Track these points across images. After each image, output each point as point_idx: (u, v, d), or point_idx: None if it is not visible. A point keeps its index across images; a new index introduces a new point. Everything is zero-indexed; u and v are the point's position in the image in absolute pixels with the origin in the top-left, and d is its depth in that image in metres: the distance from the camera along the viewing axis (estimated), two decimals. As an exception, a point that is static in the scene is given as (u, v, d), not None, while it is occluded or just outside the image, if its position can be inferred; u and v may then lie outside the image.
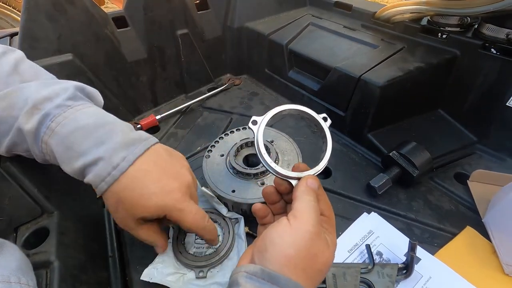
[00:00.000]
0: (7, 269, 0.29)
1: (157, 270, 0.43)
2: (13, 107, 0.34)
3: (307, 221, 0.29)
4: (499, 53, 0.56)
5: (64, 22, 0.59)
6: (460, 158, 0.61)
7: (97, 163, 0.33)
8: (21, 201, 0.41)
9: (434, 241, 0.47)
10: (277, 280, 0.26)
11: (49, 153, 0.35)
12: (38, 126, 0.33)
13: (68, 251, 0.41)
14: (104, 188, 0.33)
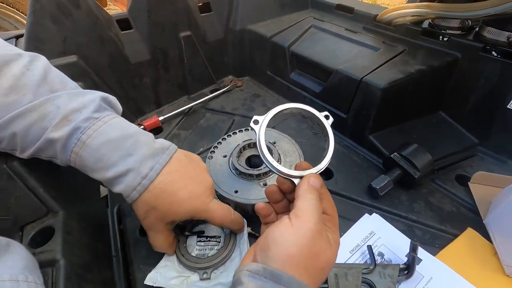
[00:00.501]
0: (15, 268, 0.30)
1: (160, 274, 0.43)
2: (44, 118, 0.36)
3: (309, 220, 0.29)
4: (500, 56, 0.57)
5: (69, 24, 0.59)
6: (461, 160, 0.61)
7: (127, 174, 0.36)
8: (26, 201, 0.42)
9: (435, 242, 0.47)
10: (279, 278, 0.27)
11: (77, 162, 0.37)
12: (68, 138, 0.36)
13: (73, 250, 0.41)
14: (136, 197, 0.37)
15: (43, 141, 0.36)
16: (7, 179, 0.40)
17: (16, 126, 0.35)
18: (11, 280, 0.28)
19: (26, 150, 0.38)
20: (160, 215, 0.38)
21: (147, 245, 0.48)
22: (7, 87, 0.35)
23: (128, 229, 0.52)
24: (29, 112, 0.36)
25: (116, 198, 0.58)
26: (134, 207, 0.39)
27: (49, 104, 0.36)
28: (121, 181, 0.36)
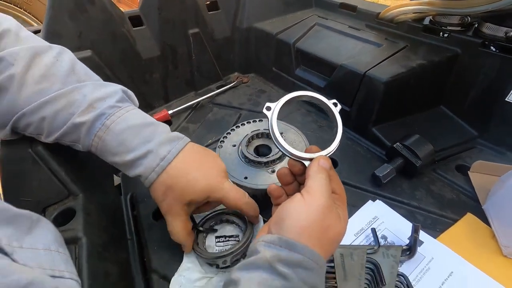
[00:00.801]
0: (47, 239, 0.32)
1: (184, 277, 0.43)
2: (71, 105, 0.39)
3: (320, 196, 0.32)
4: (498, 51, 0.59)
5: (84, 20, 0.62)
6: (461, 152, 0.63)
7: (146, 156, 0.39)
8: (49, 183, 0.44)
9: (436, 226, 0.50)
10: (294, 247, 0.29)
11: (99, 146, 0.40)
12: (93, 122, 0.39)
13: (93, 230, 0.43)
14: (154, 178, 0.39)
15: (70, 126, 0.39)
16: (32, 163, 0.43)
17: (45, 111, 0.38)
18: (45, 249, 0.31)
19: (51, 134, 0.40)
20: (177, 195, 0.40)
21: (160, 229, 0.51)
22: (39, 75, 0.39)
23: (142, 215, 0.54)
24: (58, 99, 0.39)
25: (129, 186, 0.60)
26: (151, 190, 0.42)
27: (76, 93, 0.40)
28: (141, 163, 0.39)
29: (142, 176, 0.40)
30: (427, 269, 0.43)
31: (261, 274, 0.28)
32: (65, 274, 0.30)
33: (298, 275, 0.28)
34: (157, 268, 0.46)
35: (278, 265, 0.28)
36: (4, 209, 0.27)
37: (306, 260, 0.28)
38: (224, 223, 0.50)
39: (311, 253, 0.29)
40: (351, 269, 0.42)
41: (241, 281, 0.28)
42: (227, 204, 0.43)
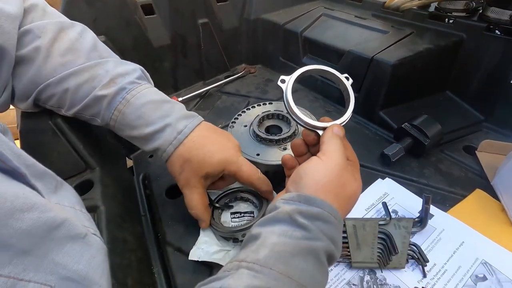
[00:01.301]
0: (71, 200, 0.33)
1: (202, 250, 0.44)
2: (94, 79, 0.40)
3: (336, 157, 0.33)
4: (503, 34, 0.60)
5: (99, 6, 0.64)
6: (467, 134, 0.64)
7: (164, 130, 0.40)
8: (68, 156, 0.45)
9: (446, 202, 0.50)
10: (313, 201, 0.30)
11: (118, 119, 0.41)
12: (115, 96, 0.40)
13: (111, 201, 0.44)
14: (171, 151, 0.41)
15: (92, 98, 0.40)
16: (52, 135, 0.44)
17: (69, 82, 0.40)
18: (70, 206, 0.32)
19: (73, 107, 0.42)
20: (194, 167, 0.41)
21: (174, 205, 0.52)
22: (64, 48, 0.40)
23: (155, 193, 0.55)
24: (82, 72, 0.40)
25: (141, 168, 0.61)
26: (169, 164, 0.42)
27: (98, 67, 0.41)
28: (159, 137, 0.41)
29: (159, 149, 0.41)
30: (439, 239, 0.44)
31: (282, 226, 0.29)
32: (90, 230, 0.31)
33: (318, 227, 0.29)
34: (172, 241, 0.47)
35: (298, 217, 0.29)
36: (34, 165, 0.28)
37: (324, 213, 0.29)
38: (238, 201, 0.51)
39: (329, 207, 0.30)
40: (364, 239, 0.43)
41: (262, 234, 0.29)
42: (241, 178, 0.44)
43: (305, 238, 0.28)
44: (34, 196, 0.23)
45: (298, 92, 0.81)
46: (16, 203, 0.20)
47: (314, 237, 0.28)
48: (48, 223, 0.23)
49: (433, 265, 0.41)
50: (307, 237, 0.28)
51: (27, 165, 0.25)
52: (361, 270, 0.42)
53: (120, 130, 0.43)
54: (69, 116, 0.45)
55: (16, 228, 0.19)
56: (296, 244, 0.28)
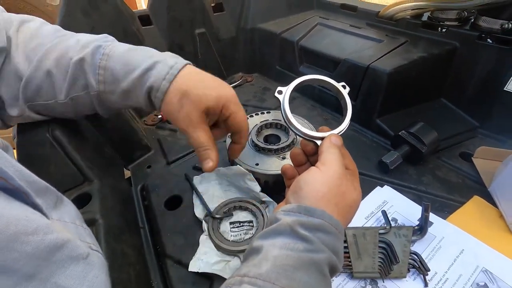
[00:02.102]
0: (71, 215, 0.33)
1: (202, 261, 0.43)
2: (68, 50, 0.39)
3: (335, 166, 0.33)
4: (495, 42, 0.62)
5: (97, 17, 0.64)
6: (463, 141, 0.65)
7: (155, 66, 0.37)
8: (66, 168, 0.45)
9: (445, 209, 0.51)
10: (313, 212, 0.30)
11: (105, 78, 0.38)
12: (93, 55, 0.38)
13: (109, 214, 0.44)
14: (166, 87, 0.37)
15: (73, 68, 0.38)
16: (49, 147, 0.44)
17: (47, 63, 0.38)
18: (71, 222, 0.31)
19: (62, 89, 0.39)
20: (193, 100, 0.37)
21: (173, 216, 0.52)
22: (29, 36, 0.39)
23: (154, 204, 0.54)
24: (54, 47, 0.39)
25: (139, 178, 0.61)
26: (165, 104, 0.38)
27: (69, 40, 0.40)
28: (151, 75, 0.37)
29: (153, 89, 0.37)
30: (439, 247, 0.44)
31: (283, 239, 0.29)
32: (92, 246, 0.30)
33: (319, 238, 0.29)
34: (171, 253, 0.46)
35: (299, 229, 0.29)
36: (35, 181, 0.28)
37: (325, 224, 0.29)
38: (237, 210, 0.51)
39: (330, 217, 0.30)
40: (365, 248, 0.43)
41: (263, 247, 0.29)
42: (234, 119, 0.41)
43: (307, 251, 0.28)
44: (37, 217, 0.22)
45: (295, 100, 0.81)
46: (20, 227, 0.20)
47: (316, 249, 0.28)
48: (51, 245, 0.22)
49: (434, 274, 0.41)
50: (309, 249, 0.28)
51: (29, 182, 0.25)
52: (363, 280, 0.41)
53: (110, 94, 0.39)
54: (67, 127, 0.45)
55: (21, 251, 0.19)
56: (298, 257, 0.27)
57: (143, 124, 0.75)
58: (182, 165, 0.63)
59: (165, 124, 0.75)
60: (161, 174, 0.60)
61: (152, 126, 0.75)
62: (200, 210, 0.51)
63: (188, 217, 0.51)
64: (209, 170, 0.41)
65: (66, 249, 0.23)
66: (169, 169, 0.62)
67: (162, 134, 0.73)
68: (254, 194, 0.51)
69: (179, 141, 0.70)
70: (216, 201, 0.52)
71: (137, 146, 0.65)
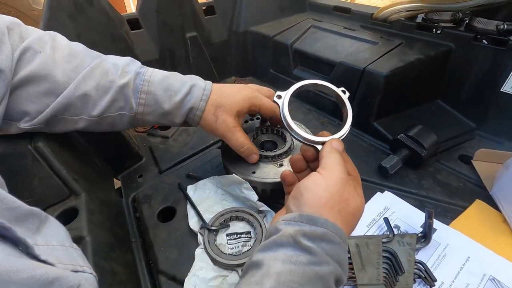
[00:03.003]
0: (59, 236, 0.30)
1: (198, 277, 0.41)
2: (107, 73, 0.41)
3: (337, 170, 0.31)
4: (491, 43, 0.61)
5: (83, 21, 0.62)
6: (462, 143, 0.64)
7: (191, 91, 0.44)
8: (50, 182, 0.42)
9: (447, 214, 0.49)
10: (316, 221, 0.28)
11: (147, 101, 0.43)
12: (135, 80, 0.42)
13: (97, 230, 0.41)
14: (204, 105, 0.44)
15: (115, 90, 0.41)
16: (32, 160, 0.41)
17: (87, 85, 0.40)
18: (59, 245, 0.29)
19: (96, 107, 0.41)
20: (226, 109, 0.45)
21: (166, 229, 0.49)
22: (67, 54, 0.40)
23: (146, 216, 0.52)
24: (94, 70, 0.41)
25: (130, 188, 0.58)
26: (203, 120, 0.45)
27: (105, 63, 0.42)
28: (190, 98, 0.44)
29: (193, 109, 0.44)
30: (444, 255, 0.43)
31: (285, 251, 0.27)
32: (85, 269, 0.28)
33: (323, 249, 0.27)
34: (165, 269, 0.44)
35: (302, 239, 0.27)
36: (19, 207, 0.25)
37: (329, 233, 0.28)
38: (234, 221, 0.49)
39: (333, 226, 0.28)
40: (368, 258, 0.41)
41: (264, 262, 0.27)
42: (266, 108, 0.48)
43: (311, 263, 0.26)
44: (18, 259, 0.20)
45: (291, 104, 0.78)
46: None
47: (321, 261, 0.26)
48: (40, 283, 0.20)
49: (441, 284, 0.39)
50: (313, 261, 0.26)
51: (10, 209, 0.23)
52: (367, 292, 0.40)
53: (148, 114, 0.44)
54: (51, 137, 0.42)
55: None
56: (303, 271, 0.26)
57: (133, 131, 0.72)
58: (175, 174, 0.60)
59: (156, 131, 0.73)
60: (153, 184, 0.58)
61: (143, 133, 0.73)
62: (195, 221, 0.49)
63: (182, 229, 0.49)
64: (254, 162, 0.49)
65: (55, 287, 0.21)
66: (162, 178, 0.59)
67: (154, 141, 0.70)
68: (251, 204, 0.49)
69: (171, 148, 0.67)
70: (212, 212, 0.50)
71: (127, 154, 0.63)
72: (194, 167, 0.61)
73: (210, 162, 0.62)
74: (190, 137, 0.71)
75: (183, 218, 0.50)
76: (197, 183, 0.55)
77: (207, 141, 0.69)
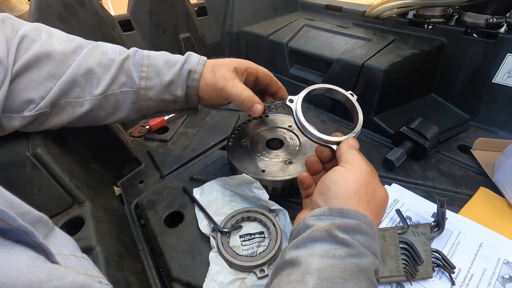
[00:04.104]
0: (69, 246, 0.28)
1: (216, 281, 0.40)
2: (106, 53, 0.42)
3: (361, 163, 0.32)
4: (481, 37, 0.64)
5: (74, 23, 0.59)
6: (458, 134, 0.66)
7: (189, 59, 0.45)
8: (51, 191, 0.40)
9: (454, 203, 0.50)
10: (347, 213, 0.27)
11: (149, 73, 0.43)
12: (134, 56, 0.43)
13: (106, 238, 0.39)
14: (201, 69, 0.44)
15: (117, 66, 0.41)
16: (31, 168, 0.38)
17: (89, 62, 0.40)
18: (70, 255, 0.26)
19: (100, 84, 0.41)
20: (223, 65, 0.45)
21: (175, 234, 0.47)
22: (64, 40, 0.40)
23: (152, 222, 0.49)
24: (94, 50, 0.41)
25: (131, 195, 0.56)
26: (202, 80, 0.45)
27: (102, 45, 0.43)
28: (188, 64, 0.44)
29: (191, 72, 0.44)
30: (458, 242, 0.43)
31: (321, 245, 0.26)
32: (101, 280, 0.26)
33: (358, 241, 0.27)
34: (179, 276, 0.42)
35: (337, 232, 0.26)
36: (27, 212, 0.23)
37: (362, 225, 0.27)
38: (246, 221, 0.47)
39: (365, 217, 0.28)
40: (387, 250, 0.41)
41: (301, 259, 0.26)
42: (262, 73, 0.50)
43: (350, 256, 0.26)
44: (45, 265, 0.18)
45: (310, 96, 0.79)
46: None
47: (359, 254, 0.26)
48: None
49: (459, 271, 0.40)
50: (352, 254, 0.26)
51: (21, 214, 0.21)
52: (388, 285, 0.39)
53: (151, 89, 0.43)
54: (50, 142, 0.40)
55: None
56: (344, 265, 0.25)
57: (129, 137, 0.69)
58: (178, 178, 0.58)
59: (154, 135, 0.70)
60: (156, 189, 0.55)
61: (139, 138, 0.70)
62: (205, 224, 0.47)
63: (192, 233, 0.47)
64: (259, 113, 0.46)
65: None
66: (164, 183, 0.57)
67: (152, 145, 0.68)
68: (261, 203, 0.48)
69: (171, 152, 0.65)
70: (221, 214, 0.48)
71: (126, 160, 0.60)
72: (197, 170, 0.59)
73: (214, 163, 0.60)
74: (189, 139, 0.69)
75: (191, 222, 0.48)
76: (203, 185, 0.53)
77: (208, 143, 0.67)
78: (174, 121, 0.75)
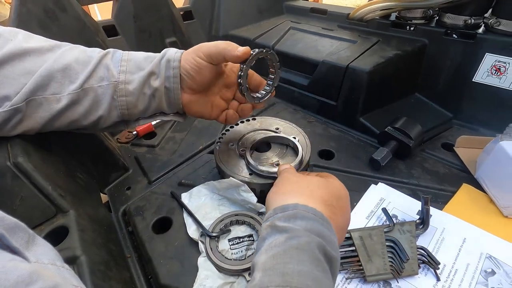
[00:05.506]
0: (49, 255, 0.28)
1: (205, 286, 0.39)
2: (85, 51, 0.42)
3: (287, 174, 0.40)
4: (460, 37, 0.65)
5: (56, 30, 0.58)
6: (441, 132, 0.67)
7: (167, 52, 0.44)
8: (34, 201, 0.39)
9: (438, 200, 0.51)
10: (286, 207, 0.32)
11: (128, 67, 0.42)
12: (114, 54, 0.43)
13: (91, 247, 0.38)
14: (179, 56, 0.43)
15: (96, 61, 0.41)
16: (11, 178, 0.38)
17: (67, 58, 0.40)
18: (51, 264, 0.26)
19: (78, 78, 0.40)
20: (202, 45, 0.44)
21: (163, 240, 0.47)
22: (41, 40, 0.41)
23: (139, 229, 0.49)
24: (73, 49, 0.42)
25: (119, 201, 0.55)
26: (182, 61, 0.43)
27: (81, 46, 0.43)
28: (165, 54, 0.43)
29: (170, 61, 0.43)
30: (442, 239, 0.44)
31: (267, 241, 0.30)
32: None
33: (299, 226, 0.29)
34: (167, 283, 0.42)
35: (278, 223, 0.30)
36: (2, 218, 0.23)
37: (299, 212, 0.31)
38: (234, 225, 0.47)
39: (304, 206, 0.31)
40: (373, 249, 0.41)
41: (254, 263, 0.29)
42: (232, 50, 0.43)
43: (289, 239, 0.28)
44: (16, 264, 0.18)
45: (277, 104, 0.80)
46: None
47: (298, 235, 0.28)
48: None
49: (444, 266, 0.41)
50: (291, 237, 0.28)
51: None
52: (376, 283, 0.40)
53: (130, 83, 0.42)
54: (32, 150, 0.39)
55: None
56: (284, 250, 0.27)
57: (116, 143, 0.68)
58: (166, 183, 0.58)
59: (141, 141, 0.70)
60: (144, 195, 0.55)
61: (126, 144, 0.69)
62: (194, 229, 0.47)
63: (181, 239, 0.47)
64: (245, 52, 0.44)
65: None
66: (152, 189, 0.56)
67: (139, 151, 0.67)
68: (250, 206, 0.48)
69: (159, 157, 0.65)
70: (210, 218, 0.48)
71: (112, 166, 0.59)
72: (185, 175, 0.59)
73: (202, 167, 0.60)
74: (177, 144, 0.69)
75: (180, 227, 0.48)
76: (191, 190, 0.53)
77: (196, 147, 0.67)
78: (162, 126, 0.75)
